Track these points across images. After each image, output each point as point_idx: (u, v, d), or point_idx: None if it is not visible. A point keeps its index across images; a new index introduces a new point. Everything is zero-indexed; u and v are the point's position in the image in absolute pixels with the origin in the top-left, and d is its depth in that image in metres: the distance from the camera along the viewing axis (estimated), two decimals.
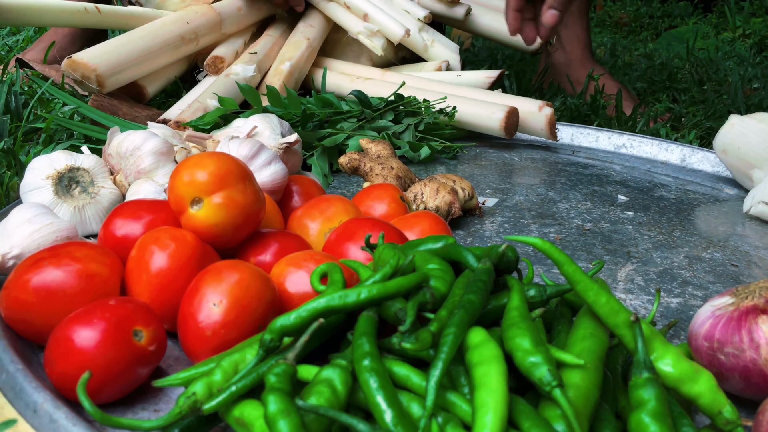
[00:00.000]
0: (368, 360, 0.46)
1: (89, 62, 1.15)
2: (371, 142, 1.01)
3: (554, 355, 0.48)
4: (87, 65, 1.15)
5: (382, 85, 1.32)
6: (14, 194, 0.91)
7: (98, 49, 1.19)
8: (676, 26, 3.61)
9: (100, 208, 0.79)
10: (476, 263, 0.57)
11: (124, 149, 0.81)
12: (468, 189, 0.91)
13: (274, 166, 0.79)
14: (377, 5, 1.43)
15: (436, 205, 0.86)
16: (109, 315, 0.53)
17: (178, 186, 0.63)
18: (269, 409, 0.43)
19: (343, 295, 0.50)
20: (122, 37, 1.25)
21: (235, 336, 0.55)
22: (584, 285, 0.52)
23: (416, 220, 0.74)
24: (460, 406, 0.46)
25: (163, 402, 0.55)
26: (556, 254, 0.53)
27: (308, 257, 0.62)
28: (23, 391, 0.52)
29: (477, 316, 0.50)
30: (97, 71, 1.16)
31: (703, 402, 0.49)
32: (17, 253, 0.64)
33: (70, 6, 1.27)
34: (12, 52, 1.69)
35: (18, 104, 1.15)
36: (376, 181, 0.92)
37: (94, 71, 1.15)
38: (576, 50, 1.77)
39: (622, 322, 0.51)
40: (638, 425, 0.45)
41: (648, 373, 0.47)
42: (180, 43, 1.30)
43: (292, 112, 1.10)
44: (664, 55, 2.37)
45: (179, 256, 0.60)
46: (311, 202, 0.76)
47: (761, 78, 2.01)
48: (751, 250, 0.88)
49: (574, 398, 0.46)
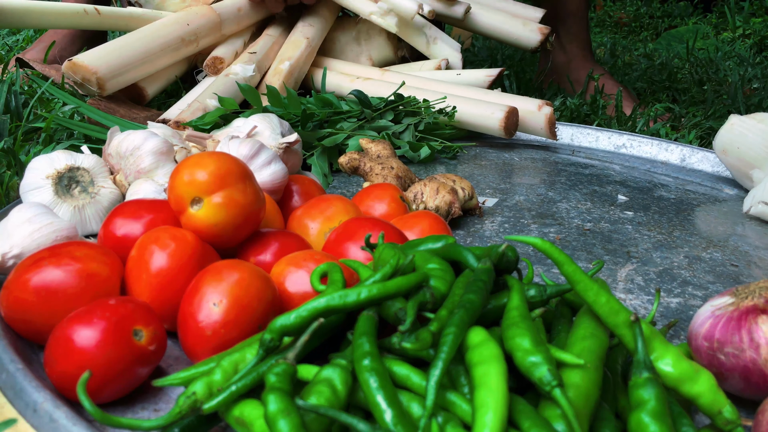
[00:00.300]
0: (368, 360, 0.46)
1: (90, 65, 1.15)
2: (371, 142, 1.01)
3: (554, 354, 0.48)
4: (87, 68, 1.15)
5: (381, 85, 1.32)
6: (14, 194, 0.91)
7: (98, 52, 1.19)
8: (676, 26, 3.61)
9: (100, 207, 0.79)
10: (476, 263, 0.57)
11: (124, 149, 0.81)
12: (468, 189, 0.91)
13: (274, 165, 0.79)
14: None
15: (436, 205, 0.86)
16: (109, 314, 0.53)
17: (178, 185, 0.63)
18: (269, 409, 0.43)
19: (343, 295, 0.50)
20: (122, 39, 1.25)
21: (235, 336, 0.55)
22: (584, 285, 0.52)
23: (416, 220, 0.74)
24: (460, 406, 0.46)
25: (163, 402, 0.55)
26: (556, 254, 0.53)
27: (308, 257, 0.62)
28: (23, 390, 0.52)
29: (477, 315, 0.50)
30: (98, 74, 1.16)
31: (703, 402, 0.49)
32: (17, 252, 0.64)
33: (70, 8, 1.27)
34: (12, 51, 1.69)
35: (18, 104, 1.15)
36: (376, 180, 0.92)
37: (95, 74, 1.15)
38: (576, 50, 1.77)
39: (622, 322, 0.51)
40: (638, 425, 0.45)
41: (648, 373, 0.47)
42: (180, 45, 1.30)
43: (291, 112, 1.10)
44: (663, 55, 2.37)
45: (179, 256, 0.60)
46: (311, 201, 0.76)
47: (761, 78, 2.01)
48: (750, 250, 0.88)
49: (574, 398, 0.46)
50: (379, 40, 1.50)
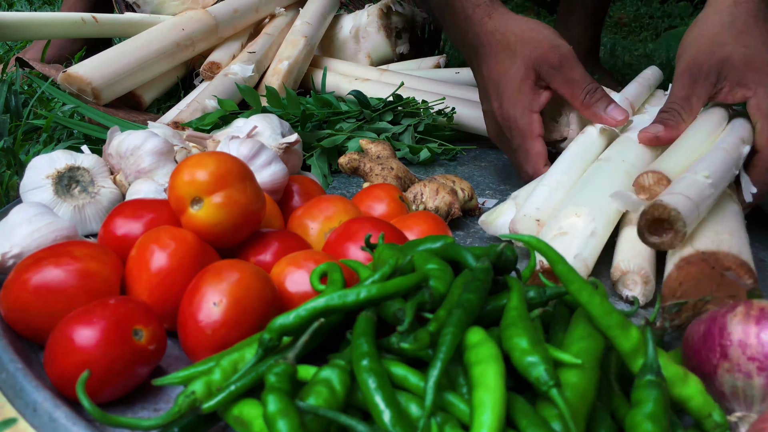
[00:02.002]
0: (367, 360, 0.46)
1: (84, 76, 1.15)
2: (371, 142, 1.01)
3: (552, 354, 0.48)
4: (82, 79, 1.15)
5: (380, 86, 1.32)
6: (14, 193, 0.91)
7: (93, 62, 1.19)
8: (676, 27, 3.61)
9: (100, 207, 0.79)
10: (475, 263, 0.57)
11: (125, 149, 0.81)
12: (467, 190, 0.91)
13: (275, 166, 0.79)
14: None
15: (436, 206, 0.86)
16: (109, 314, 0.53)
17: (178, 185, 0.63)
18: (268, 409, 0.43)
19: (342, 295, 0.51)
20: (117, 47, 1.25)
21: (236, 335, 0.55)
22: (578, 285, 0.52)
23: (416, 220, 0.74)
24: (458, 407, 0.46)
25: (163, 401, 0.55)
26: (551, 253, 0.53)
27: (308, 257, 0.63)
28: (23, 390, 0.52)
29: (475, 315, 0.50)
30: (93, 84, 1.15)
31: (693, 404, 0.49)
32: (17, 252, 0.64)
33: (68, 18, 1.28)
34: (12, 51, 1.69)
35: (18, 103, 1.15)
36: (375, 181, 0.92)
37: (90, 84, 1.15)
38: (580, 51, 1.77)
39: (614, 324, 0.51)
40: (632, 424, 0.45)
41: (652, 376, 0.47)
42: (176, 50, 1.30)
43: (291, 113, 1.10)
44: (663, 56, 2.37)
45: (179, 256, 0.60)
46: (311, 201, 0.76)
47: None
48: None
49: (571, 397, 0.46)
50: (378, 38, 1.50)
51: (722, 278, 0.63)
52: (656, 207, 0.64)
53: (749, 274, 0.63)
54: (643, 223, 0.65)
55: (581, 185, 0.80)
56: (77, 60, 1.50)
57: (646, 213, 0.64)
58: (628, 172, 0.80)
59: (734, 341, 0.51)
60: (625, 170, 0.80)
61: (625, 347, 0.50)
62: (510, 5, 4.35)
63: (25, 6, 2.20)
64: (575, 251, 0.71)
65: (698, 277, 0.63)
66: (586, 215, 0.74)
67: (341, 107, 1.17)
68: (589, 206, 0.75)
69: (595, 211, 0.75)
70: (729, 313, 0.53)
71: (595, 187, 0.78)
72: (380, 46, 1.51)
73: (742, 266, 0.63)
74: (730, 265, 0.63)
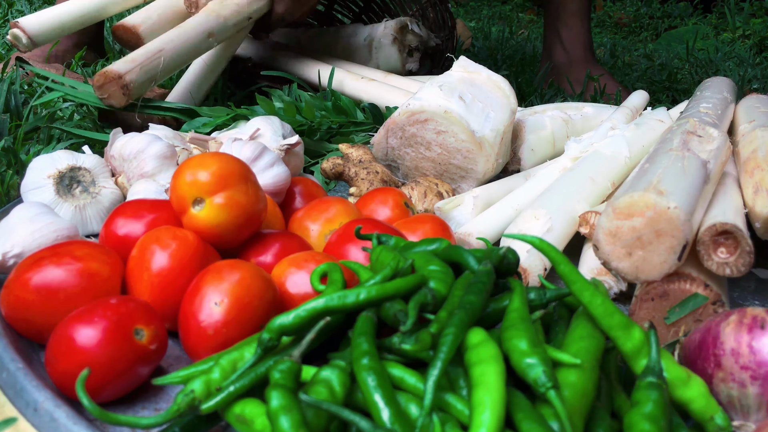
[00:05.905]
0: (367, 359, 0.46)
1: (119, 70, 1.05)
2: (351, 146, 0.99)
3: (551, 354, 0.48)
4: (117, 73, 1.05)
5: (383, 87, 1.31)
6: (15, 193, 0.91)
7: None
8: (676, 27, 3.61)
9: (101, 207, 0.79)
10: (477, 265, 0.57)
11: (128, 152, 0.81)
12: (450, 192, 0.91)
13: (277, 168, 0.79)
14: None
15: (425, 208, 0.86)
16: (110, 314, 0.53)
17: (180, 186, 0.63)
18: (272, 405, 0.43)
19: (342, 296, 0.51)
20: None
21: (237, 335, 0.56)
22: (580, 285, 0.52)
23: (419, 223, 0.73)
24: (458, 407, 0.46)
25: (164, 401, 0.56)
26: (553, 253, 0.53)
27: (309, 258, 0.63)
28: (24, 389, 0.52)
29: (477, 316, 0.50)
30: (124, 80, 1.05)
31: (696, 407, 0.49)
32: (18, 252, 0.64)
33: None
34: (12, 50, 1.69)
35: (18, 103, 1.15)
36: (362, 185, 0.91)
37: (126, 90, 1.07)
38: (577, 50, 1.77)
39: (616, 324, 0.51)
40: (630, 423, 0.45)
41: (653, 377, 0.47)
42: None
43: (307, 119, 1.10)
44: (663, 56, 2.38)
45: (180, 256, 0.60)
46: (312, 203, 0.76)
47: (761, 78, 2.01)
48: None
49: (570, 397, 0.46)
50: (390, 51, 1.50)
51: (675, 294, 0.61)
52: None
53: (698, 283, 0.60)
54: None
55: (543, 193, 0.82)
56: (78, 59, 1.50)
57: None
58: (592, 177, 0.81)
59: (727, 350, 0.51)
60: (588, 176, 0.82)
61: (627, 348, 0.50)
62: (510, 5, 4.35)
63: (26, 6, 2.20)
64: (528, 246, 0.71)
65: (658, 308, 0.62)
66: (543, 216, 0.75)
67: (358, 116, 1.17)
68: (547, 208, 0.76)
69: (553, 211, 0.76)
70: (722, 322, 0.53)
71: (555, 192, 0.80)
72: (391, 59, 1.51)
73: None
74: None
